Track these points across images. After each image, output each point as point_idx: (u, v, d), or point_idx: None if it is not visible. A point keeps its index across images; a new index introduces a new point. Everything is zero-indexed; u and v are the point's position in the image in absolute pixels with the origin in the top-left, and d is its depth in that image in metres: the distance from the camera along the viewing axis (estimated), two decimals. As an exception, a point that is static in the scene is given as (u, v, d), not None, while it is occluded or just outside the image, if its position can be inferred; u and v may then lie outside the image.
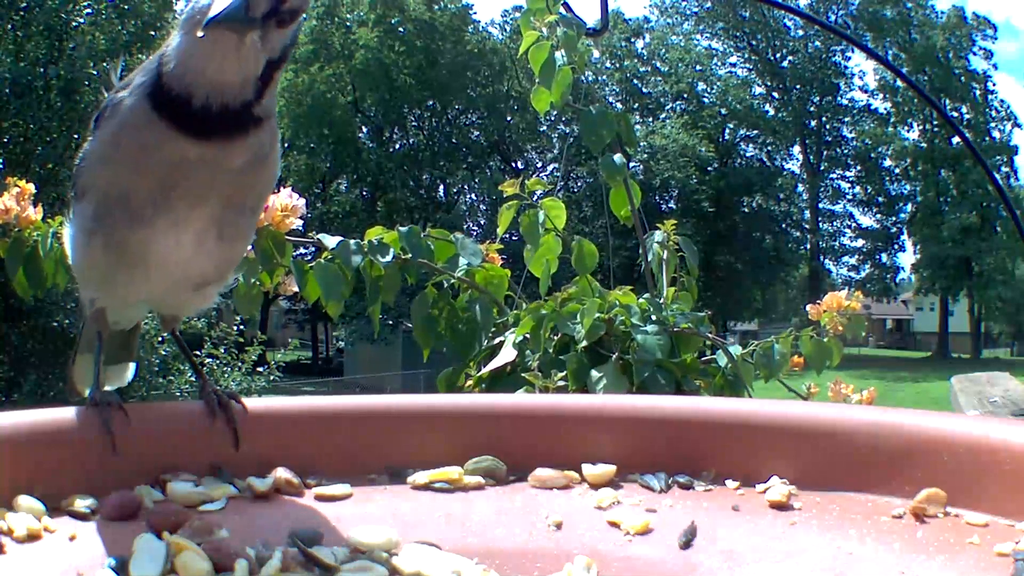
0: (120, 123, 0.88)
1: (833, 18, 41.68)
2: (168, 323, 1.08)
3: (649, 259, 2.35)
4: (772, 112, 45.03)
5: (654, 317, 2.04)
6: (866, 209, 46.09)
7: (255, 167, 0.90)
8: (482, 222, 37.68)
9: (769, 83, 45.19)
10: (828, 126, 45.67)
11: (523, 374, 1.94)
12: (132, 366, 1.20)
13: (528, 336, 2.05)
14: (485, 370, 2.07)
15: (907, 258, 52.37)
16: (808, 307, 2.31)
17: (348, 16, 37.84)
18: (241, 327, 13.36)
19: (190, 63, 0.83)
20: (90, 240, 0.94)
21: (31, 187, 2.18)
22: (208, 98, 0.83)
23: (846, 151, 45.85)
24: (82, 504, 0.82)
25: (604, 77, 42.47)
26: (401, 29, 37.20)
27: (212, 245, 0.91)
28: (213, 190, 0.88)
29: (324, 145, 35.97)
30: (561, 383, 1.90)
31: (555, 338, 2.05)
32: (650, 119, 41.87)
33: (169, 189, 0.87)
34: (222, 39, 0.81)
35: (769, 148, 44.56)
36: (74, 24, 18.64)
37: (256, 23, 0.81)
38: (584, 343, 1.97)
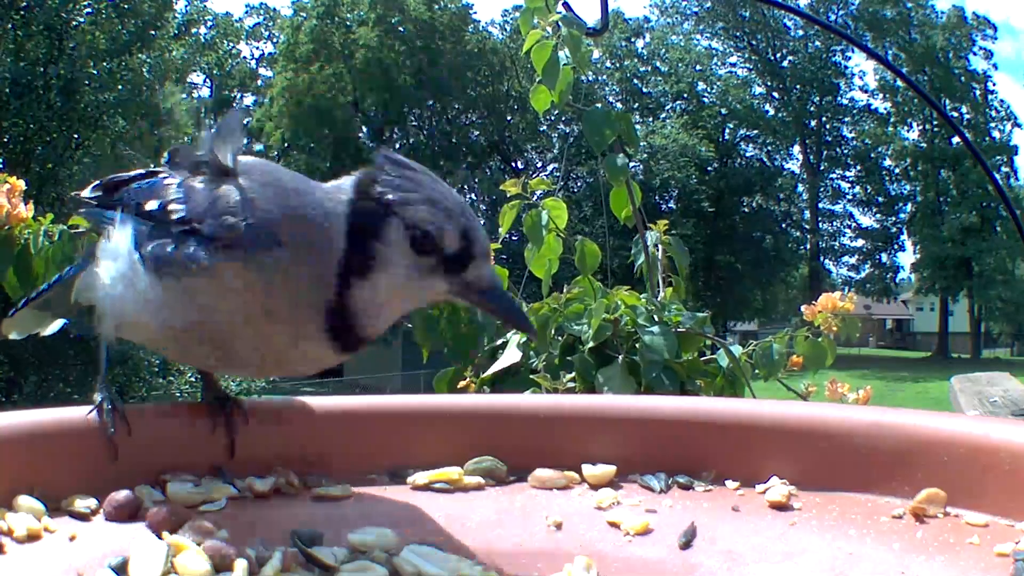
0: (280, 314, 0.85)
1: (833, 18, 41.67)
2: None
3: (640, 261, 2.36)
4: (772, 112, 45.05)
5: (656, 317, 2.04)
6: (866, 209, 46.15)
7: None
8: (482, 222, 37.57)
9: (769, 83, 45.19)
10: (828, 126, 45.69)
11: (532, 376, 1.94)
12: (64, 322, 1.20)
13: (532, 337, 2.05)
14: (489, 372, 2.06)
15: (907, 258, 52.44)
16: (803, 308, 2.31)
17: (348, 16, 37.83)
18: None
19: (382, 305, 0.87)
20: (161, 334, 0.90)
21: (21, 184, 2.15)
22: (377, 329, 0.89)
23: (846, 151, 45.87)
24: (82, 504, 0.82)
25: (604, 77, 42.48)
26: (401, 29, 37.21)
27: (278, 373, 0.98)
28: (309, 367, 0.93)
29: (324, 145, 35.95)
30: (570, 384, 1.90)
31: (560, 339, 2.05)
32: (650, 119, 41.86)
33: (277, 363, 0.91)
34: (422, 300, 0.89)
35: (769, 148, 44.57)
36: (74, 24, 18.65)
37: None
38: (591, 344, 1.96)
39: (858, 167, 45.42)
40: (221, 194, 0.86)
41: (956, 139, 36.90)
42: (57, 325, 1.21)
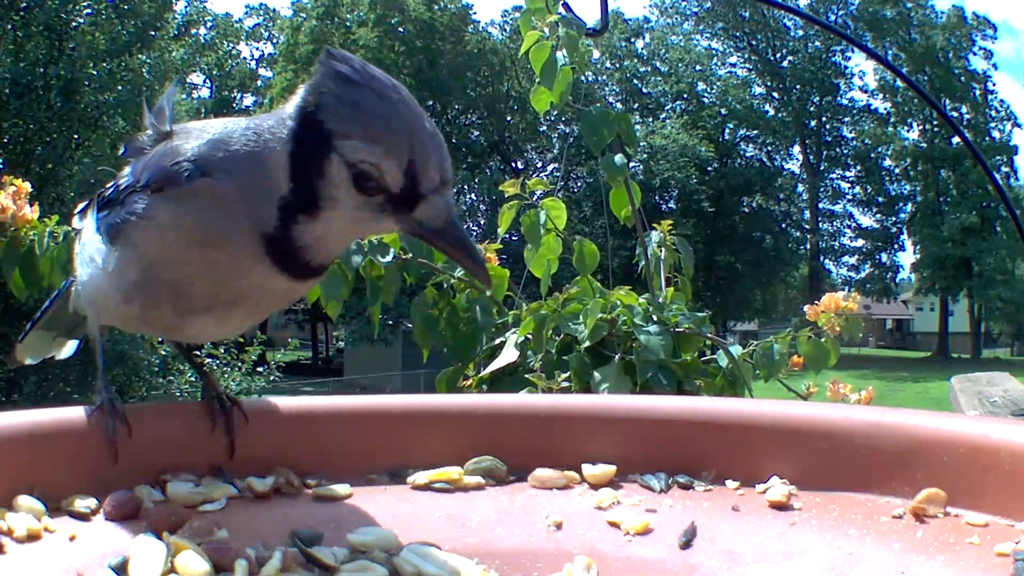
0: (216, 240, 0.84)
1: (833, 18, 41.69)
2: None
3: (643, 262, 2.36)
4: (772, 112, 45.07)
5: (655, 317, 2.04)
6: (866, 209, 46.18)
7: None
8: (482, 222, 37.71)
9: (769, 83, 45.21)
10: (828, 126, 45.72)
11: (526, 375, 1.94)
12: (76, 343, 1.23)
13: (530, 336, 2.05)
14: (487, 371, 2.07)
15: (907, 258, 52.45)
16: (806, 308, 2.31)
17: (348, 16, 37.84)
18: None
19: (333, 241, 0.86)
20: (123, 299, 0.92)
21: (27, 186, 2.17)
22: (328, 258, 0.88)
23: (846, 151, 45.89)
24: (82, 504, 0.82)
25: (604, 77, 42.50)
26: (401, 29, 37.21)
27: (243, 323, 0.95)
28: (270, 303, 0.93)
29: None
30: (565, 384, 1.90)
31: (557, 339, 2.05)
32: (650, 119, 41.87)
33: (235, 302, 0.90)
34: (368, 229, 0.85)
35: (769, 148, 44.59)
36: (74, 24, 18.64)
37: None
38: (587, 343, 1.97)
39: (858, 167, 45.44)
40: (157, 151, 0.89)
41: (956, 139, 36.94)
42: (70, 349, 1.23)
